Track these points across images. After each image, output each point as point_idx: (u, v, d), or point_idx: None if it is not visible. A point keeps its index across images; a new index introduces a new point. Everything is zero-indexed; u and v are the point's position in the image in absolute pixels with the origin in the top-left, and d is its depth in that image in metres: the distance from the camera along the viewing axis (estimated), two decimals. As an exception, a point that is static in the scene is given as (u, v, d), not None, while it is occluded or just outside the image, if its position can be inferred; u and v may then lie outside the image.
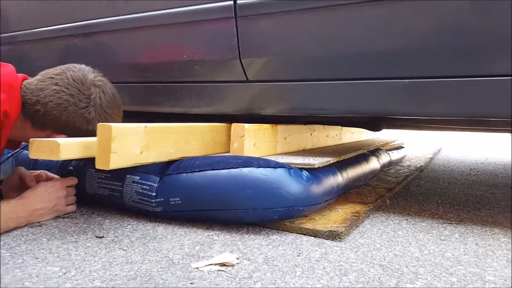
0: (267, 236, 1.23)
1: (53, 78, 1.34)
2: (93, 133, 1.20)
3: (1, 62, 1.30)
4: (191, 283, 0.90)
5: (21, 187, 1.40)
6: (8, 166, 1.70)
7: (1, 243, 1.10)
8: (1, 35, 2.20)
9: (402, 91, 1.28)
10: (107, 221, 1.33)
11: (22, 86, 1.33)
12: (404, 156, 2.98)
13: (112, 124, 1.11)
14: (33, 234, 1.18)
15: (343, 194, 1.65)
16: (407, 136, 4.42)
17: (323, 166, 1.42)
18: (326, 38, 1.35)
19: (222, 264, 1.00)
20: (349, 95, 1.38)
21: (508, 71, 1.14)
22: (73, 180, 1.41)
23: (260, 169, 1.25)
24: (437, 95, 1.25)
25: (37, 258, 1.01)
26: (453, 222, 1.43)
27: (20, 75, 1.36)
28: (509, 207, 1.69)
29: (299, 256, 1.07)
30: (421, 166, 2.72)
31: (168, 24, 1.63)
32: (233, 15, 1.46)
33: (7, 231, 1.18)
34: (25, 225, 1.25)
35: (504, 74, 1.15)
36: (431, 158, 3.30)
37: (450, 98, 1.24)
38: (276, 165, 1.28)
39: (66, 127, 1.33)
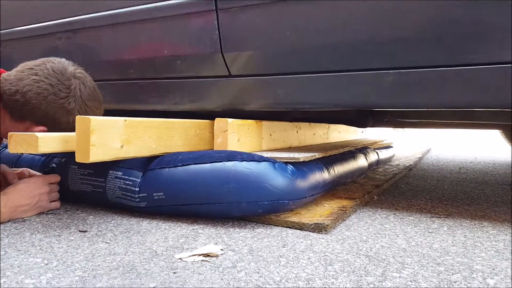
0: (253, 229, 1.22)
1: (32, 68, 1.33)
2: (73, 127, 1.18)
3: None
4: (174, 273, 0.89)
5: (3, 185, 1.38)
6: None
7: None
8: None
9: (387, 82, 1.27)
10: (91, 216, 1.32)
11: (0, 78, 1.32)
12: (393, 156, 2.99)
13: (91, 117, 1.10)
14: (16, 229, 1.17)
15: (330, 190, 1.64)
16: (396, 136, 4.44)
17: (309, 162, 1.42)
18: (308, 30, 1.34)
19: (206, 255, 0.99)
20: (332, 87, 1.37)
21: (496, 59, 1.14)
22: (56, 177, 1.39)
23: (244, 162, 1.24)
24: (422, 85, 1.24)
25: (20, 251, 1.00)
26: (442, 216, 1.42)
27: None
28: (499, 202, 1.69)
29: (284, 247, 1.06)
30: (410, 165, 2.72)
31: (148, 19, 1.61)
32: (214, 8, 1.45)
33: (-11, 227, 1.17)
34: (8, 221, 1.23)
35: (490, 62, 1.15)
36: (420, 158, 3.31)
37: (433, 88, 1.23)
38: (260, 159, 1.26)
39: (46, 118, 1.32)
